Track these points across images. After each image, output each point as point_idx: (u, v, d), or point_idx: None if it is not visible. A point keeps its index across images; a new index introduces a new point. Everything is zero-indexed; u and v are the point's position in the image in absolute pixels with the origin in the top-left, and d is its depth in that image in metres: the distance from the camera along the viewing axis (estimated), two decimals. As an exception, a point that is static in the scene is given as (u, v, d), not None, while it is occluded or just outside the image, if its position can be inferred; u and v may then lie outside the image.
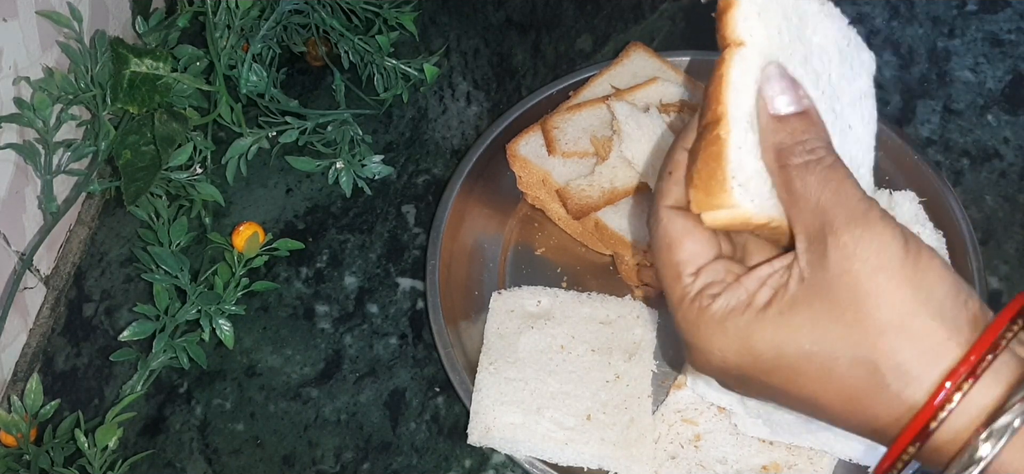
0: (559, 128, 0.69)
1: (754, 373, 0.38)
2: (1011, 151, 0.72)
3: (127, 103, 0.69)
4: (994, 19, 0.80)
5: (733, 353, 0.38)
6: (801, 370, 0.37)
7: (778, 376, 0.37)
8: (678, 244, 0.40)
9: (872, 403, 0.36)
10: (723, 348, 0.38)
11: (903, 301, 0.35)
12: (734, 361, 0.38)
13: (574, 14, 0.83)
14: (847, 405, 0.36)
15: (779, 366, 0.37)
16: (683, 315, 0.40)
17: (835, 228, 0.36)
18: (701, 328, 0.39)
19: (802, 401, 0.38)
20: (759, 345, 0.37)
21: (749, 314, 0.37)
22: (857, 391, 0.36)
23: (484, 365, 0.61)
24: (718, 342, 0.38)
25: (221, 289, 0.66)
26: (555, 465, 0.58)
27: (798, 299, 0.37)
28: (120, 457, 0.62)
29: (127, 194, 0.66)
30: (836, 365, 0.36)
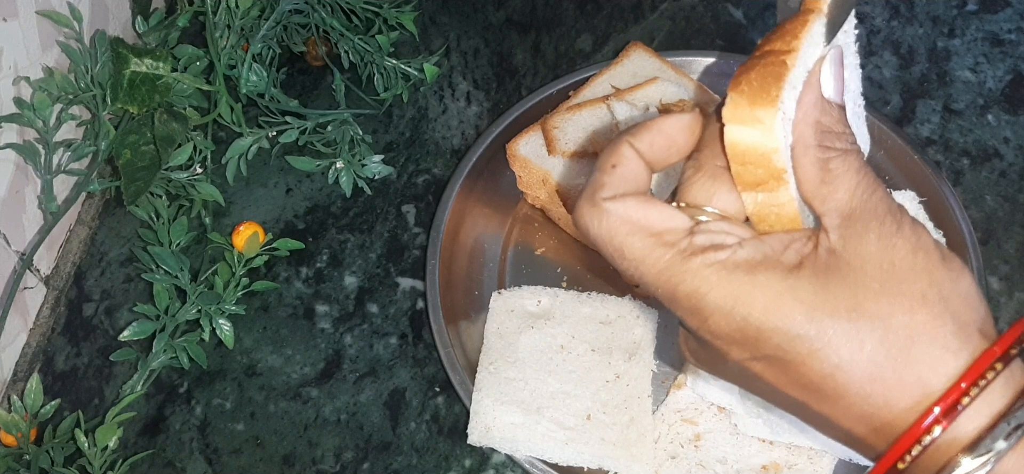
0: (559, 128, 0.69)
1: (774, 337, 0.35)
2: (1011, 151, 0.72)
3: (127, 103, 0.69)
4: (994, 19, 0.80)
5: (759, 309, 0.34)
6: (829, 338, 0.34)
7: (801, 344, 0.34)
8: (645, 217, 0.37)
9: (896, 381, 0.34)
10: (750, 302, 0.34)
11: (941, 284, 0.35)
12: (757, 320, 0.35)
13: (574, 14, 0.83)
14: (867, 384, 0.34)
15: (807, 333, 0.34)
16: (692, 273, 0.35)
17: (879, 214, 0.35)
18: (724, 281, 0.35)
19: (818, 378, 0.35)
20: (791, 305, 0.34)
21: (780, 271, 0.35)
22: (884, 365, 0.34)
23: (484, 365, 0.61)
24: (745, 294, 0.35)
25: (221, 289, 0.66)
26: (555, 465, 0.58)
27: (833, 267, 0.35)
28: (120, 457, 0.62)
29: (127, 194, 0.66)
30: (871, 334, 0.34)
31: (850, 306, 0.34)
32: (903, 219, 0.36)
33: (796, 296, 0.34)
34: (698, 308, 0.36)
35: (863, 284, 0.34)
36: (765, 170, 0.37)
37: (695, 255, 0.36)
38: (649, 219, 0.37)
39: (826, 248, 0.35)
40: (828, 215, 0.36)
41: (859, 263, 0.35)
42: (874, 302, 0.34)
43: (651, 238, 0.36)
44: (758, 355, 0.36)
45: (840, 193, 0.36)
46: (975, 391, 0.33)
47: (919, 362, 0.34)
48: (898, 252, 0.35)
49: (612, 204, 0.37)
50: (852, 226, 0.35)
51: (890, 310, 0.34)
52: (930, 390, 0.34)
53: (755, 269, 0.35)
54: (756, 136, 0.36)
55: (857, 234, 0.35)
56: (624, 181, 0.38)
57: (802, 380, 0.35)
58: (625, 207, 0.37)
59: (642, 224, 0.37)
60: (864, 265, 0.35)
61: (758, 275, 0.35)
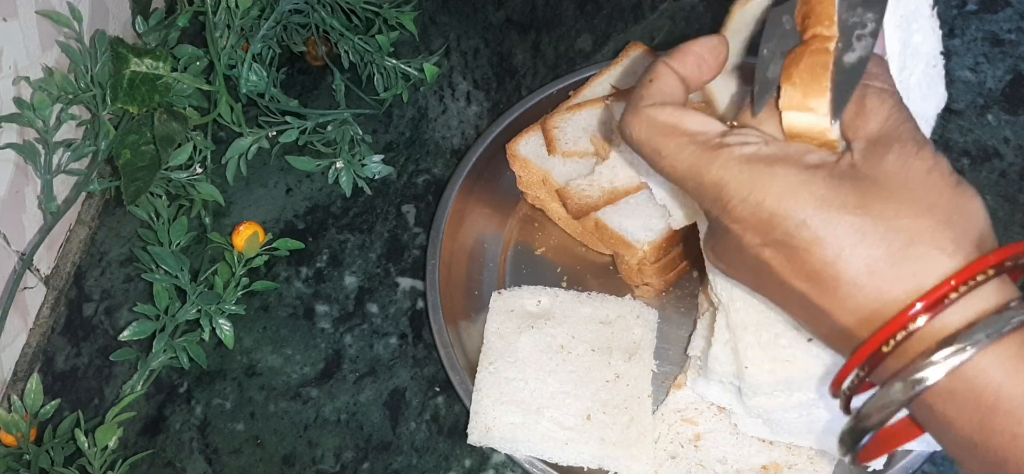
0: (559, 128, 0.69)
1: (784, 228, 0.38)
2: (1011, 151, 0.72)
3: (127, 103, 0.69)
4: (994, 19, 0.80)
5: (774, 195, 0.38)
6: (834, 228, 0.37)
7: (807, 231, 0.37)
8: (681, 122, 0.41)
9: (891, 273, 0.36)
10: (766, 189, 0.38)
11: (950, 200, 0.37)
12: (769, 208, 0.38)
13: (574, 14, 0.83)
14: (864, 275, 0.36)
15: (814, 221, 0.37)
16: (719, 166, 0.39)
17: (903, 138, 0.38)
18: (746, 171, 0.38)
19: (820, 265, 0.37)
20: (803, 195, 0.37)
21: (799, 167, 0.38)
22: (881, 259, 0.36)
23: (484, 365, 0.61)
24: (762, 181, 0.38)
25: (221, 289, 0.66)
26: (555, 465, 0.58)
27: (849, 175, 0.37)
28: (120, 457, 0.62)
29: (127, 194, 0.66)
30: (874, 230, 0.36)
31: (858, 204, 0.37)
32: (925, 146, 0.38)
33: (809, 189, 0.37)
34: (720, 194, 0.39)
35: (874, 190, 0.37)
36: (820, 144, 0.40)
37: (722, 148, 0.39)
38: (684, 122, 0.41)
39: (847, 162, 0.38)
40: (856, 141, 0.39)
41: (875, 174, 0.37)
42: (882, 204, 0.37)
43: (685, 136, 0.40)
44: (768, 241, 0.38)
45: (870, 124, 0.39)
46: (963, 289, 0.35)
47: (915, 260, 0.36)
48: (913, 169, 0.37)
49: (652, 109, 0.41)
50: (875, 149, 0.38)
51: (895, 212, 0.36)
52: (922, 286, 0.36)
53: (775, 162, 0.38)
54: (811, 119, 0.39)
55: (878, 153, 0.38)
56: (661, 92, 0.42)
57: (805, 268, 0.38)
58: (664, 112, 0.41)
59: (678, 126, 0.40)
60: (878, 176, 0.37)
61: (776, 167, 0.38)
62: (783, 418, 0.55)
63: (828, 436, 0.56)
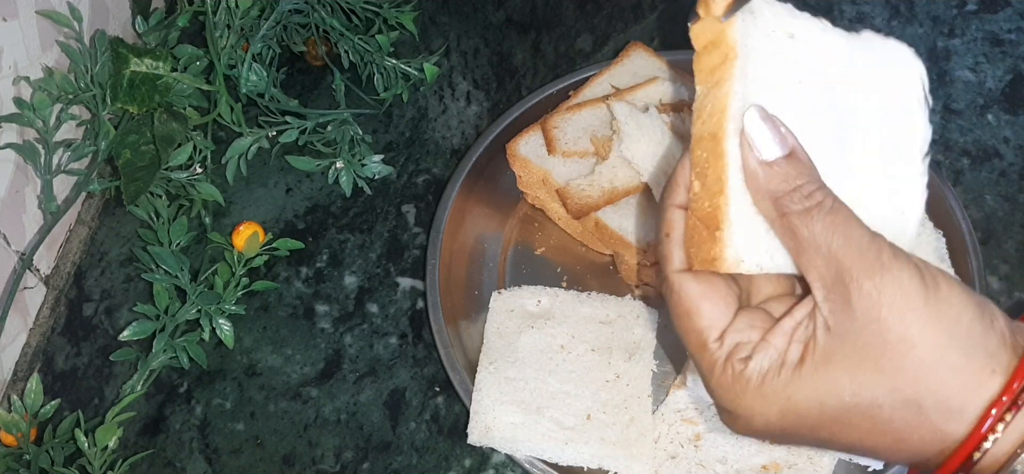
0: (559, 128, 0.69)
1: (798, 429, 0.38)
2: (1011, 151, 0.72)
3: (127, 103, 0.69)
4: (994, 19, 0.80)
5: (776, 415, 0.38)
6: (845, 421, 0.37)
7: (824, 430, 0.38)
8: (697, 311, 0.40)
9: (919, 440, 0.36)
10: (765, 412, 0.38)
11: (936, 338, 0.35)
12: (777, 423, 0.38)
13: (574, 14, 0.83)
14: (894, 446, 0.37)
15: (823, 421, 0.38)
16: (717, 382, 0.40)
17: (855, 276, 0.36)
18: (739, 395, 0.39)
19: (850, 446, 0.38)
20: (801, 404, 0.38)
21: (785, 374, 0.38)
22: (903, 432, 0.36)
23: (484, 365, 0.61)
24: (759, 407, 0.38)
25: (221, 289, 0.66)
26: (555, 465, 0.58)
27: (830, 352, 0.37)
28: (120, 457, 0.62)
29: (127, 194, 0.66)
30: (880, 411, 0.36)
31: (854, 389, 0.37)
32: (881, 252, 0.36)
33: (802, 393, 0.37)
34: (727, 411, 0.40)
35: (859, 360, 0.36)
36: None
37: (724, 366, 0.39)
38: (700, 313, 0.40)
39: (822, 326, 0.37)
40: (814, 287, 0.37)
41: (852, 334, 0.36)
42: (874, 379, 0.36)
43: (695, 333, 0.40)
44: (792, 440, 0.40)
45: (816, 262, 0.37)
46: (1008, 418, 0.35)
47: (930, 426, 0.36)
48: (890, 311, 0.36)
49: (679, 279, 0.41)
50: (835, 295, 0.37)
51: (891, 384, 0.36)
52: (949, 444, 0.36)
53: (764, 382, 0.38)
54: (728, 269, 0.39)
55: (842, 303, 0.36)
56: (680, 246, 0.41)
57: (838, 447, 0.39)
58: (689, 290, 0.40)
59: (692, 316, 0.40)
60: (857, 335, 0.36)
61: (766, 387, 0.38)
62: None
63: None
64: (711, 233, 0.38)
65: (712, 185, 0.38)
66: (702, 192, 0.39)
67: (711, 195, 0.38)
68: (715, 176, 0.38)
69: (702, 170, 0.39)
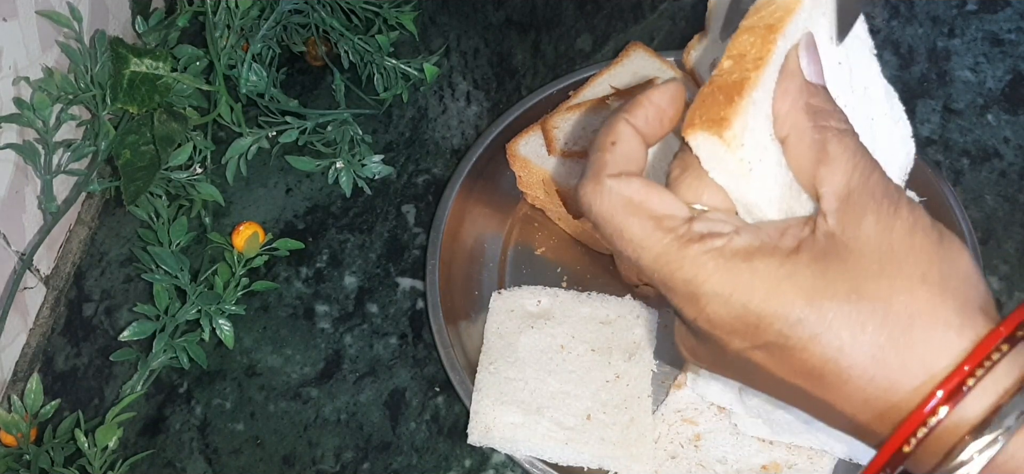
0: (559, 128, 0.69)
1: (775, 328, 0.35)
2: (1011, 151, 0.72)
3: (127, 103, 0.69)
4: (994, 19, 0.80)
5: (759, 296, 0.34)
6: (830, 322, 0.34)
7: (802, 329, 0.34)
8: (646, 200, 0.37)
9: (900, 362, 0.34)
10: (749, 289, 0.34)
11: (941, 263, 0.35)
12: (756, 307, 0.34)
13: (574, 14, 0.83)
14: (870, 367, 0.34)
15: (807, 318, 0.34)
16: (690, 261, 0.35)
17: (876, 200, 0.35)
18: (721, 268, 0.35)
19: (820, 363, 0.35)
20: (790, 291, 0.34)
21: (779, 257, 0.35)
22: (886, 346, 0.34)
23: (484, 365, 0.61)
24: (743, 281, 0.34)
25: (221, 289, 0.66)
26: (555, 465, 0.58)
27: (831, 251, 0.35)
28: (120, 457, 0.62)
29: (127, 194, 0.66)
30: (872, 317, 0.34)
31: (850, 289, 0.34)
32: (900, 200, 0.36)
33: (795, 282, 0.34)
34: (695, 296, 0.35)
35: (862, 267, 0.34)
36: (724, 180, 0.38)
37: (693, 242, 0.35)
38: (650, 201, 0.37)
39: (824, 232, 0.35)
40: (826, 198, 0.36)
41: (857, 246, 0.35)
42: (874, 284, 0.34)
43: (650, 221, 0.36)
44: (758, 343, 0.35)
45: (838, 176, 0.36)
46: (980, 372, 0.33)
47: (922, 343, 0.34)
48: (896, 233, 0.35)
49: (614, 182, 0.37)
50: (849, 209, 0.35)
51: (890, 292, 0.34)
52: (934, 371, 0.33)
53: (752, 256, 0.35)
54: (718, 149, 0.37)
55: (855, 217, 0.35)
56: (624, 158, 0.38)
57: (804, 367, 0.35)
58: (627, 186, 0.37)
59: (643, 206, 0.37)
60: (862, 248, 0.35)
61: (756, 262, 0.35)
62: (783, 418, 0.55)
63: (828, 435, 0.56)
64: (729, 98, 0.37)
65: (748, 63, 0.37)
66: (733, 67, 0.38)
67: (743, 69, 0.37)
68: (755, 56, 0.37)
69: (741, 53, 0.38)
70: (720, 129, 0.36)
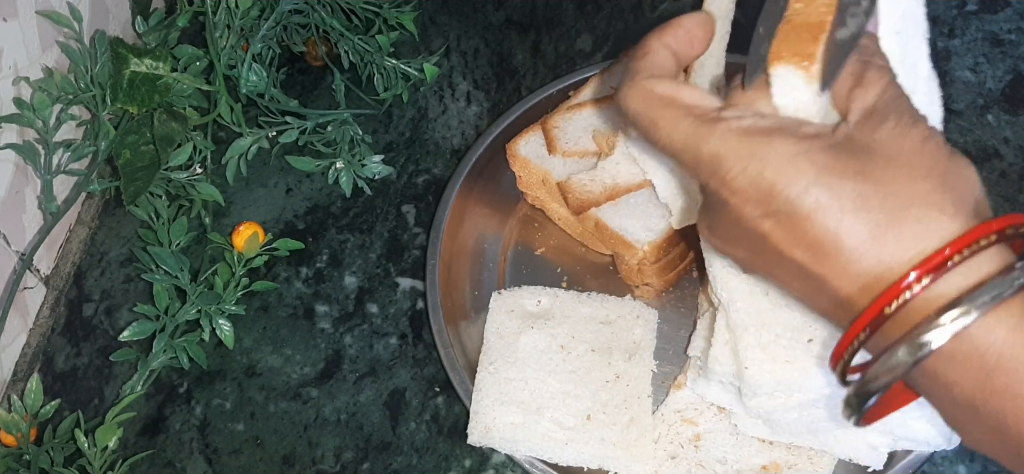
0: (559, 128, 0.69)
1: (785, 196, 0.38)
2: (1011, 151, 0.72)
3: (127, 103, 0.69)
4: (994, 19, 0.80)
5: (773, 165, 0.38)
6: (836, 194, 0.37)
7: (809, 198, 0.37)
8: (678, 94, 0.41)
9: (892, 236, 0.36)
10: (765, 158, 0.38)
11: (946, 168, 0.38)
12: (769, 179, 0.38)
13: (574, 14, 0.83)
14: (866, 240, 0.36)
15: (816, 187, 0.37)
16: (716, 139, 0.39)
17: (899, 110, 0.39)
18: (744, 143, 0.38)
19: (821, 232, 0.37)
20: (803, 164, 0.37)
21: (797, 137, 0.38)
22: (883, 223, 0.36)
23: (484, 365, 0.61)
24: (761, 151, 0.38)
25: (221, 289, 0.66)
26: (555, 465, 0.58)
27: (845, 144, 0.38)
28: (120, 457, 0.62)
29: (127, 194, 0.66)
30: (874, 194, 0.36)
31: (857, 170, 0.37)
32: (921, 119, 0.39)
33: (809, 157, 0.37)
34: (718, 166, 0.39)
35: (872, 157, 0.37)
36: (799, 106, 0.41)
37: (719, 122, 0.39)
38: (681, 95, 0.41)
39: (843, 132, 0.39)
40: (853, 112, 0.39)
41: (871, 143, 0.38)
42: (880, 171, 0.37)
43: (681, 109, 0.41)
44: (768, 211, 0.38)
45: (869, 96, 0.39)
46: (966, 252, 0.35)
47: (915, 223, 0.36)
48: (910, 138, 0.38)
49: (648, 82, 0.42)
50: (871, 118, 0.39)
51: (894, 177, 0.37)
52: (923, 249, 0.36)
53: (772, 133, 0.38)
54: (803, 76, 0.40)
55: (874, 123, 0.38)
56: (656, 65, 0.43)
57: (807, 237, 0.38)
58: (660, 85, 0.42)
59: (675, 99, 0.41)
60: (875, 145, 0.38)
61: (774, 138, 0.38)
62: (783, 418, 0.55)
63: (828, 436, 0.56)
64: (814, 36, 0.40)
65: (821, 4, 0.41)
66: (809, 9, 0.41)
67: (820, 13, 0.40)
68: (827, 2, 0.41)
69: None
70: (809, 64, 0.39)
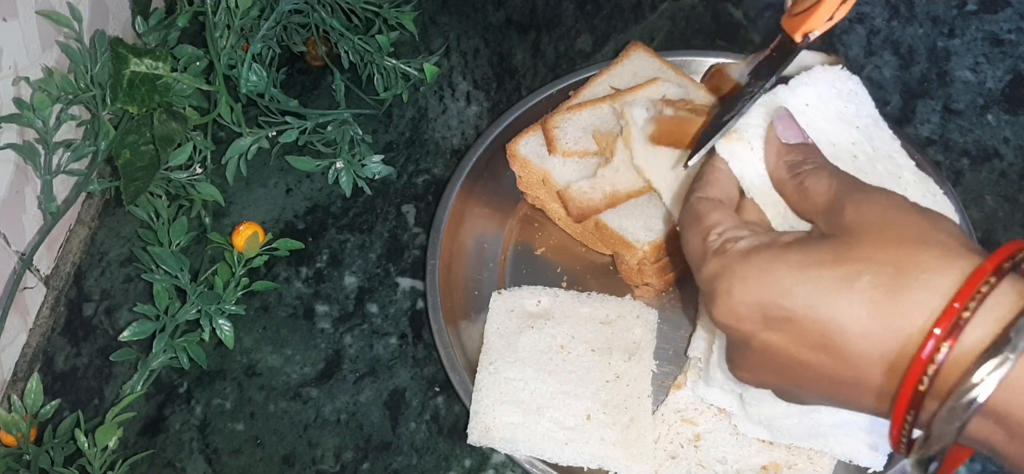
0: (559, 128, 0.69)
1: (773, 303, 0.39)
2: (1011, 151, 0.72)
3: (127, 103, 0.69)
4: (994, 19, 0.80)
5: (754, 279, 0.40)
6: (820, 286, 0.38)
7: (796, 298, 0.38)
8: (706, 214, 0.44)
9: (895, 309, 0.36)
10: (746, 278, 0.40)
11: (918, 223, 0.38)
12: (754, 295, 0.39)
13: (574, 14, 0.83)
14: (867, 321, 0.37)
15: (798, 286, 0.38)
16: (709, 268, 0.42)
17: (851, 194, 0.41)
18: (725, 268, 0.41)
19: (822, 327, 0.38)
20: (781, 268, 0.39)
21: (774, 249, 0.40)
22: (879, 299, 0.36)
23: (484, 365, 0.61)
24: (741, 272, 0.40)
25: (221, 289, 0.66)
26: (555, 465, 0.58)
27: (821, 242, 0.40)
28: (120, 457, 0.62)
29: (126, 194, 0.66)
30: (859, 278, 0.37)
31: (834, 257, 0.38)
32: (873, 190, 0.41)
33: (784, 259, 0.40)
34: (712, 295, 0.42)
35: (843, 242, 0.39)
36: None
37: (711, 251, 0.43)
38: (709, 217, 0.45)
39: (815, 233, 0.42)
40: (816, 218, 0.43)
41: (839, 230, 0.40)
42: (855, 250, 0.38)
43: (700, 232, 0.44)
44: (767, 322, 0.39)
45: (820, 199, 0.43)
46: (973, 304, 0.35)
47: (912, 289, 0.36)
48: (871, 212, 0.39)
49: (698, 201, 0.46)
50: (830, 213, 0.42)
51: (871, 251, 0.38)
52: (931, 310, 0.36)
53: (750, 253, 0.41)
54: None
55: (834, 215, 0.41)
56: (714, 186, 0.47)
57: (812, 336, 0.38)
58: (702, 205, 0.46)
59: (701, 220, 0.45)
60: (842, 231, 0.40)
61: (752, 256, 0.41)
62: (784, 423, 0.55)
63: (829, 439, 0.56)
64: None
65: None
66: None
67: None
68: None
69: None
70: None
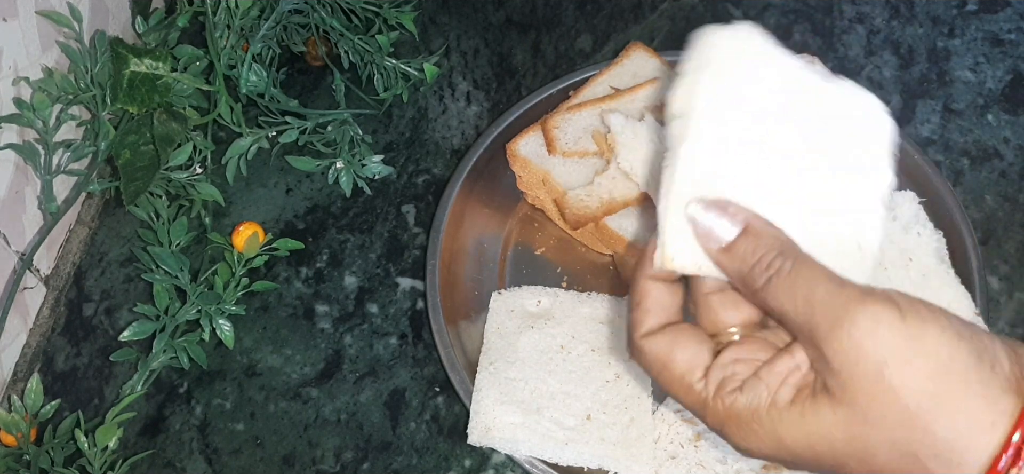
0: (559, 128, 0.69)
1: (794, 461, 0.38)
2: (1011, 151, 0.72)
3: (127, 103, 0.69)
4: (994, 19, 0.80)
5: (769, 448, 0.38)
6: (841, 461, 0.37)
7: (819, 465, 0.38)
8: (671, 360, 0.41)
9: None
10: (760, 444, 0.38)
11: (924, 385, 0.34)
12: (771, 453, 0.39)
13: (574, 14, 0.83)
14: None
15: (817, 457, 0.37)
16: (711, 417, 0.40)
17: (824, 336, 0.35)
18: (732, 427, 0.39)
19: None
20: (790, 442, 0.37)
21: (774, 413, 0.37)
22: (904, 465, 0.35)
23: (484, 365, 0.61)
24: (752, 440, 0.39)
25: (221, 289, 0.66)
26: (555, 465, 0.58)
27: (820, 400, 0.36)
28: (120, 457, 0.62)
29: (126, 194, 0.66)
30: (875, 458, 0.36)
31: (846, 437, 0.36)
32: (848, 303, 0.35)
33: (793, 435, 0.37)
34: (728, 439, 0.40)
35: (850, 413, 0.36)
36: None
37: (715, 400, 0.39)
38: (674, 361, 0.41)
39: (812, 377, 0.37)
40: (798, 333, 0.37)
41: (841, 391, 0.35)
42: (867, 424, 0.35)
43: (677, 381, 0.41)
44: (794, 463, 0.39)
45: (792, 326, 0.37)
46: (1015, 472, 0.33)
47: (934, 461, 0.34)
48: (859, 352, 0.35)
49: (645, 342, 0.42)
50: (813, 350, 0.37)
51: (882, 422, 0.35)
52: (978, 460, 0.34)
53: (753, 418, 0.38)
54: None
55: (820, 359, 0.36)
56: (651, 314, 0.42)
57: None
58: (656, 347, 0.41)
59: (668, 366, 0.41)
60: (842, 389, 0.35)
61: (755, 423, 0.38)
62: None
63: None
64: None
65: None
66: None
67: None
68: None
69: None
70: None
